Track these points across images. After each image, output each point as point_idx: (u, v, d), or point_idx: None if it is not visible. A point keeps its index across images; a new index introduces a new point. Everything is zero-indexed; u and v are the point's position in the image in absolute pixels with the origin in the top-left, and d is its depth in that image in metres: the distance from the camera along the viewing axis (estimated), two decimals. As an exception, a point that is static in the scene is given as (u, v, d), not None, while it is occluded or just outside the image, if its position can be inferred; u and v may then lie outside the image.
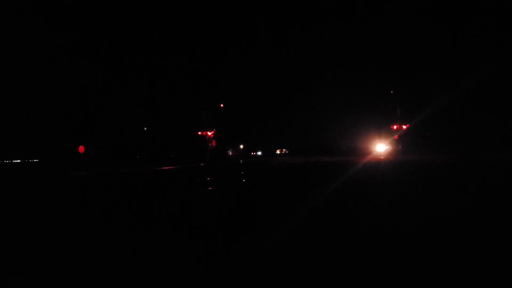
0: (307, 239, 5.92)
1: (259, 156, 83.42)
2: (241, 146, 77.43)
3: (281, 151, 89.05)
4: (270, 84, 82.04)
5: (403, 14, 55.79)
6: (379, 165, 25.76)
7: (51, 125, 47.21)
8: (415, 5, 52.67)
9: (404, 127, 51.95)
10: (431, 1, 53.34)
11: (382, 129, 55.25)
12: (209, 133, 51.66)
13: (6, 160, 48.96)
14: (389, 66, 58.85)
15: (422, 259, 4.70)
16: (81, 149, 35.30)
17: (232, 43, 71.10)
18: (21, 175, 29.37)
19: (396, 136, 53.03)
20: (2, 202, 12.72)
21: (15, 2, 47.21)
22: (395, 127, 52.91)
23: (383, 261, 4.68)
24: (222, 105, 54.59)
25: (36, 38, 46.86)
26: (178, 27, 67.67)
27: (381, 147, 53.61)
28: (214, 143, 52.84)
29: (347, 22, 67.26)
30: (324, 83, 72.34)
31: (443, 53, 52.76)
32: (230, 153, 66.96)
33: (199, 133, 51.56)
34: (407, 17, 55.01)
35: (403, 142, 52.70)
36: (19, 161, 50.87)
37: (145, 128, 52.94)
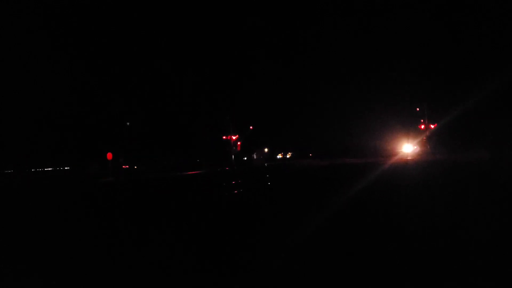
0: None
1: (284, 159, 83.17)
2: (266, 150, 77.47)
3: (305, 153, 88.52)
4: (294, 85, 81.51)
5: (434, 12, 54.11)
6: (406, 166, 25.38)
7: (82, 134, 48.67)
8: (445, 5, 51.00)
9: (432, 126, 50.59)
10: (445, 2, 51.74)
11: (409, 129, 53.96)
12: (234, 137, 51.86)
13: (39, 169, 50.75)
14: (416, 65, 57.45)
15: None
16: (109, 156, 36.01)
17: (252, 51, 71.34)
18: (53, 184, 30.32)
19: (424, 137, 51.71)
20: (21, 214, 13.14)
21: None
22: (422, 126, 51.64)
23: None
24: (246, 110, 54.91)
25: (66, 54, 48.46)
26: (200, 33, 68.59)
27: (408, 148, 52.43)
28: (239, 147, 53.04)
29: (376, 18, 65.74)
30: (349, 83, 71.43)
31: (472, 52, 50.97)
32: (255, 157, 67.08)
33: (224, 137, 51.84)
34: (441, 16, 53.17)
35: (431, 142, 51.28)
36: (50, 169, 52.66)
37: (171, 135, 53.76)
